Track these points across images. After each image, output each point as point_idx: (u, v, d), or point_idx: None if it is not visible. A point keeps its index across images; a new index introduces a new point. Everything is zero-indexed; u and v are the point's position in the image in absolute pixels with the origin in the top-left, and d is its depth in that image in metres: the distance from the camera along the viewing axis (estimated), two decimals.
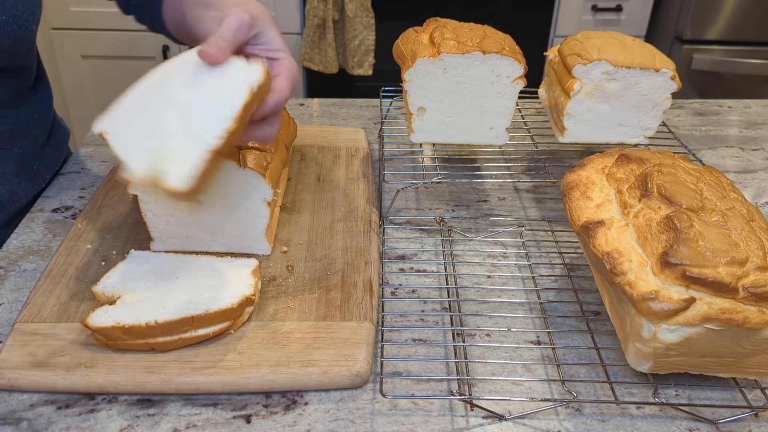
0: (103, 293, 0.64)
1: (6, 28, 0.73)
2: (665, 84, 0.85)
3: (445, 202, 0.91)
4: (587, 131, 0.89)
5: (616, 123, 0.89)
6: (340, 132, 1.02)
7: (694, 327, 0.56)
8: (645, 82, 0.85)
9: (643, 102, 0.87)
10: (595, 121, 0.88)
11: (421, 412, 0.60)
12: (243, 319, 0.65)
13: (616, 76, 0.84)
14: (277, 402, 0.61)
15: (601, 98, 0.86)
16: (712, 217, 0.60)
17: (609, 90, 0.85)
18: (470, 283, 0.76)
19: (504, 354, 0.66)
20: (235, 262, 0.69)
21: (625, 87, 0.85)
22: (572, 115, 0.88)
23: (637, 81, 0.85)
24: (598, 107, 0.87)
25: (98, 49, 2.10)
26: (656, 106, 0.87)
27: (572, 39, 0.89)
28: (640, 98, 0.87)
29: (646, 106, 0.87)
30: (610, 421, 0.60)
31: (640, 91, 0.86)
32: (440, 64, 0.82)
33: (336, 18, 2.02)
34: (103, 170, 0.96)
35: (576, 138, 0.90)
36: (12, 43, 0.75)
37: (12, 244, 0.80)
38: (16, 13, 0.74)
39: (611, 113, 0.88)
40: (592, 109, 0.87)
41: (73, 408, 0.60)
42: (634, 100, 0.87)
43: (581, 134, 0.90)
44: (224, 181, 0.71)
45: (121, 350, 0.62)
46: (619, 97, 0.86)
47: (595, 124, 0.89)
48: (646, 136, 0.90)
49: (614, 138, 0.90)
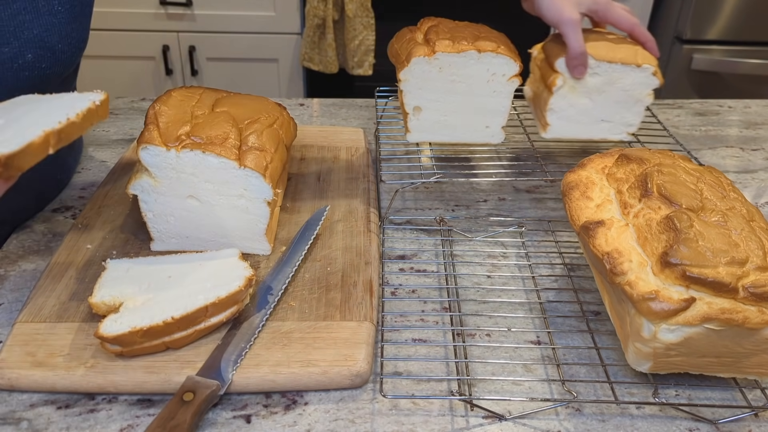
0: (104, 302, 0.64)
1: (62, 56, 0.75)
2: (647, 80, 0.86)
3: (444, 202, 0.91)
4: (570, 127, 0.90)
5: (599, 119, 0.89)
6: (340, 132, 1.02)
7: (694, 327, 0.56)
8: (627, 78, 0.85)
9: (625, 98, 0.87)
10: (577, 117, 0.89)
11: (421, 412, 0.60)
12: (246, 301, 0.67)
13: (597, 70, 0.85)
14: (277, 402, 0.61)
15: (584, 93, 0.87)
16: (712, 217, 0.60)
17: (591, 85, 0.86)
18: (470, 283, 0.76)
19: (504, 354, 0.66)
20: (216, 253, 0.70)
21: (606, 82, 0.86)
22: (555, 110, 0.88)
23: (618, 76, 0.85)
24: (580, 102, 0.87)
25: (98, 49, 2.10)
26: (638, 102, 0.88)
27: (557, 35, 0.90)
28: (622, 94, 0.87)
29: (629, 102, 0.88)
30: (610, 421, 0.60)
31: (621, 87, 0.86)
32: (435, 63, 0.82)
33: (336, 18, 2.02)
34: (103, 170, 0.96)
35: (559, 134, 0.90)
36: (64, 69, 0.77)
37: (12, 244, 0.80)
38: (71, 42, 0.76)
39: (593, 109, 0.88)
40: (575, 105, 0.87)
41: (73, 408, 0.60)
42: (616, 95, 0.87)
43: (564, 130, 0.90)
44: (224, 181, 0.71)
45: (137, 356, 0.62)
46: (601, 93, 0.87)
47: (578, 120, 0.89)
48: (629, 132, 0.91)
49: (597, 134, 0.91)
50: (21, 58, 0.71)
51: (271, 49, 2.12)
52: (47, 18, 0.72)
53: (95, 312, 0.65)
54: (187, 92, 0.78)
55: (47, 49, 0.73)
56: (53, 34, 0.73)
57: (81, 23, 0.78)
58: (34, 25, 0.71)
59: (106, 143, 1.03)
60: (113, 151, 1.01)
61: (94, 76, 2.14)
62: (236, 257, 0.69)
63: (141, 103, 1.18)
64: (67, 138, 0.56)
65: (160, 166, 0.70)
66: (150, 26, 2.07)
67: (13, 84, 0.71)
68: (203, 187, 0.71)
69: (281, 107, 0.84)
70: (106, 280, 0.67)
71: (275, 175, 0.73)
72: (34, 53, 0.72)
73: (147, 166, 0.70)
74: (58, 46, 0.74)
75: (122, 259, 0.70)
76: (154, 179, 0.71)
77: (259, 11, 2.06)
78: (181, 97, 0.76)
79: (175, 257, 0.71)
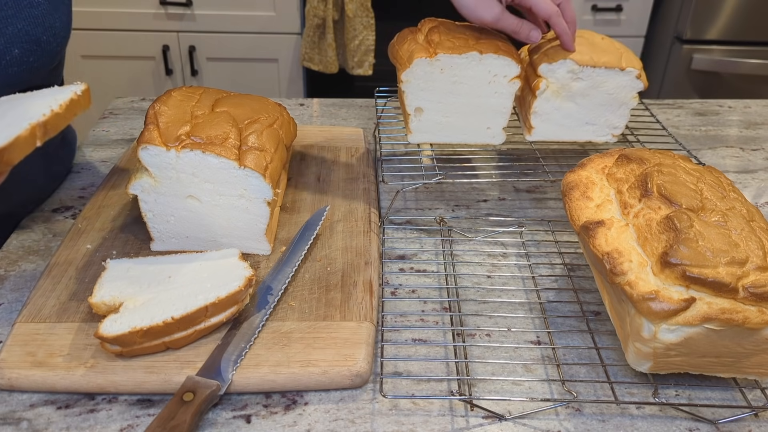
0: (103, 303, 0.64)
1: (47, 47, 0.75)
2: (631, 83, 0.86)
3: (444, 202, 0.91)
4: (554, 129, 0.90)
5: (583, 122, 0.89)
6: (340, 132, 1.02)
7: (694, 327, 0.56)
8: (611, 81, 0.85)
9: (609, 101, 0.87)
10: (562, 120, 0.89)
11: (421, 412, 0.60)
12: (246, 301, 0.66)
13: (581, 75, 0.85)
14: (277, 402, 0.61)
15: (568, 97, 0.87)
16: (712, 217, 0.60)
17: (575, 89, 0.86)
18: (470, 283, 0.76)
19: (504, 354, 0.66)
20: (216, 253, 0.70)
21: (591, 86, 0.86)
22: (539, 113, 0.88)
23: (602, 80, 0.85)
24: (564, 106, 0.87)
25: (98, 49, 2.10)
26: (623, 105, 0.88)
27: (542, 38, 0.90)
28: (607, 97, 0.87)
29: (613, 105, 0.88)
30: (610, 421, 0.60)
31: (606, 90, 0.86)
32: (437, 65, 0.82)
33: (336, 18, 2.02)
34: (103, 170, 0.96)
35: (543, 136, 0.90)
36: (51, 60, 0.78)
37: (12, 244, 0.80)
38: (55, 32, 0.76)
39: (578, 112, 0.88)
40: (559, 108, 0.88)
41: (73, 408, 0.60)
42: (601, 99, 0.87)
43: (548, 132, 0.90)
44: (224, 181, 0.71)
45: (137, 356, 0.62)
46: (585, 96, 0.87)
47: (562, 123, 0.89)
48: (614, 134, 0.91)
49: (582, 136, 0.91)
50: (8, 54, 0.71)
51: (271, 49, 2.12)
52: (29, 11, 0.72)
53: (95, 312, 0.65)
54: (187, 92, 0.78)
55: (32, 42, 0.73)
56: (36, 27, 0.73)
57: (62, 12, 0.78)
58: (17, 20, 0.71)
59: (106, 143, 1.03)
60: (113, 151, 1.01)
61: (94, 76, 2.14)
62: (236, 257, 0.69)
63: (141, 103, 1.18)
64: (53, 129, 0.57)
65: (160, 166, 0.70)
66: (150, 26, 2.07)
67: (3, 81, 0.71)
68: (203, 187, 0.71)
69: (281, 107, 0.84)
70: (106, 280, 0.67)
71: (275, 175, 0.73)
72: (21, 48, 0.71)
73: (147, 166, 0.70)
74: (42, 38, 0.74)
75: (122, 259, 0.70)
76: (154, 179, 0.71)
77: (259, 11, 2.06)
78: (181, 97, 0.76)
79: (175, 257, 0.71)
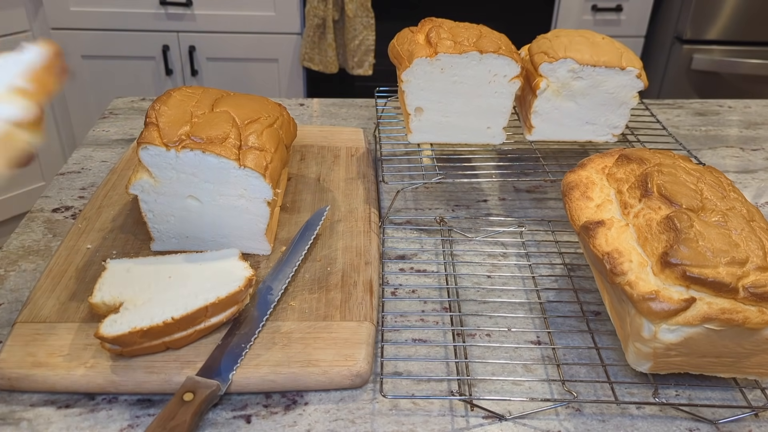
0: (103, 303, 0.64)
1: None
2: (631, 82, 0.86)
3: (444, 202, 0.91)
4: (555, 129, 0.90)
5: (584, 121, 0.89)
6: (340, 132, 1.02)
7: (694, 327, 0.56)
8: (611, 81, 0.86)
9: (609, 100, 0.87)
10: (562, 119, 0.89)
11: (421, 412, 0.60)
12: (246, 301, 0.66)
13: (581, 74, 0.85)
14: (277, 402, 0.61)
15: (568, 96, 0.87)
16: (712, 217, 0.60)
17: (575, 88, 0.86)
18: (470, 283, 0.76)
19: (504, 354, 0.66)
20: (216, 253, 0.70)
21: (591, 85, 0.86)
22: (539, 113, 0.88)
23: (602, 79, 0.85)
24: (564, 105, 0.87)
25: (98, 49, 2.10)
26: (623, 105, 0.88)
27: (542, 37, 0.90)
28: (607, 96, 0.87)
29: (613, 105, 0.88)
30: (610, 421, 0.60)
31: (606, 90, 0.86)
32: (437, 64, 0.82)
33: (336, 18, 2.01)
34: (103, 170, 0.96)
35: (544, 136, 0.90)
36: None
37: (12, 244, 0.80)
38: None
39: (578, 111, 0.88)
40: (559, 107, 0.88)
41: (73, 408, 0.60)
42: (601, 98, 0.87)
43: (549, 132, 0.90)
44: (224, 181, 0.71)
45: (137, 356, 0.62)
46: (585, 96, 0.87)
47: (562, 122, 0.89)
48: (615, 134, 0.91)
49: (582, 136, 0.91)
50: None
51: (271, 49, 2.12)
52: None
53: (95, 312, 0.65)
54: (187, 92, 0.78)
55: None
56: None
57: None
58: None
59: (106, 143, 1.03)
60: (113, 151, 1.01)
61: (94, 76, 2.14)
62: (236, 257, 0.69)
63: (141, 103, 1.18)
64: None
65: (160, 166, 0.70)
66: (150, 26, 2.07)
67: None
68: (203, 187, 0.71)
69: (281, 107, 0.84)
70: (106, 280, 0.67)
71: (275, 175, 0.73)
72: None
73: (147, 166, 0.70)
74: None
75: (122, 259, 0.70)
76: (154, 179, 0.71)
77: (259, 11, 2.06)
78: (181, 97, 0.76)
79: (175, 257, 0.71)
